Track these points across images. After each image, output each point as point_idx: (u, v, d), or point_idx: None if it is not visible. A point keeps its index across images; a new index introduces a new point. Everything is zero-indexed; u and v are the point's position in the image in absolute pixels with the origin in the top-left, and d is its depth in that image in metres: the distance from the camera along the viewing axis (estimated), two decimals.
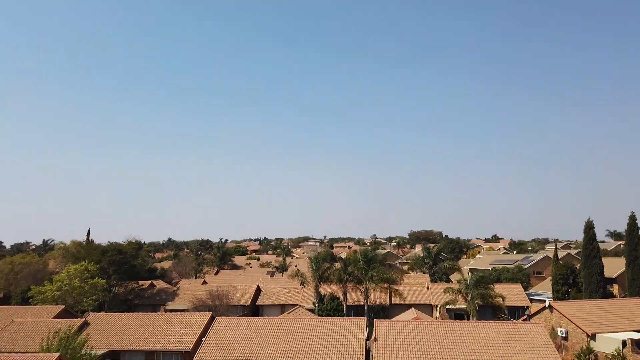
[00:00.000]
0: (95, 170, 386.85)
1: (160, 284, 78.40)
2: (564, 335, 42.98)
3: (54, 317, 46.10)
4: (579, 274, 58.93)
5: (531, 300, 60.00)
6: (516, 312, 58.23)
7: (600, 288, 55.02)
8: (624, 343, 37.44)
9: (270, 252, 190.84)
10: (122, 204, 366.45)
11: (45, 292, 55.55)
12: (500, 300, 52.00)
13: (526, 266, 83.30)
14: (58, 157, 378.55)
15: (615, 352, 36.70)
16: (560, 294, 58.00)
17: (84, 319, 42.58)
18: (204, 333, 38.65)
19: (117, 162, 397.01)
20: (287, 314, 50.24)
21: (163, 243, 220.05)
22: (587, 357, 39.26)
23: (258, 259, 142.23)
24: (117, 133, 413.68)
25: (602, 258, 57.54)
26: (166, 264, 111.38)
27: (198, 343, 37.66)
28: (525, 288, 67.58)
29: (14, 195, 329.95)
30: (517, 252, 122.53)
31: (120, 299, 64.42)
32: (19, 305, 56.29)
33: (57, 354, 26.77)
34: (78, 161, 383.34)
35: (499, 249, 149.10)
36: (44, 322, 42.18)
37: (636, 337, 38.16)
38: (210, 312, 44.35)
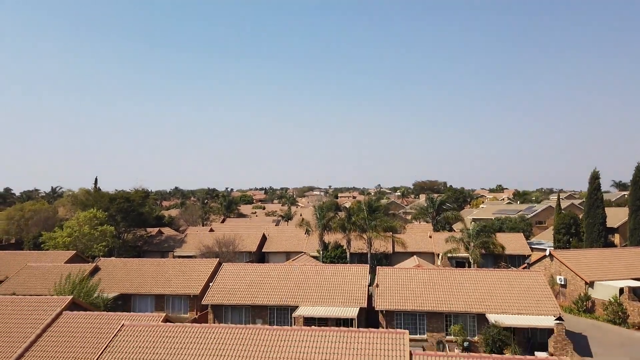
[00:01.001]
0: (102, 118, 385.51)
1: (168, 231, 79.98)
2: (562, 282, 43.93)
3: (66, 262, 47.43)
4: (581, 223, 59.42)
5: (532, 249, 60.88)
6: (517, 261, 59.29)
7: (602, 237, 55.62)
8: (621, 290, 38.28)
9: (275, 201, 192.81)
10: (128, 153, 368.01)
11: (56, 238, 56.87)
12: (500, 249, 52.87)
13: (529, 216, 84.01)
14: (63, 105, 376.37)
15: (612, 299, 37.62)
16: (561, 243, 58.77)
17: (95, 264, 43.81)
18: (211, 278, 39.76)
19: (122, 109, 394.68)
20: (292, 260, 51.49)
21: (170, 192, 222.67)
22: (584, 303, 40.31)
23: (264, 208, 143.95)
24: (122, 80, 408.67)
25: (605, 208, 57.84)
26: (173, 212, 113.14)
27: (206, 288, 38.85)
28: (527, 237, 68.42)
29: (22, 143, 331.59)
30: (520, 202, 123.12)
31: (129, 245, 65.96)
32: (31, 250, 57.89)
33: (71, 297, 27.68)
34: (84, 109, 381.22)
35: (503, 199, 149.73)
36: (56, 266, 43.47)
37: (634, 285, 38.97)
38: (217, 259, 45.41)
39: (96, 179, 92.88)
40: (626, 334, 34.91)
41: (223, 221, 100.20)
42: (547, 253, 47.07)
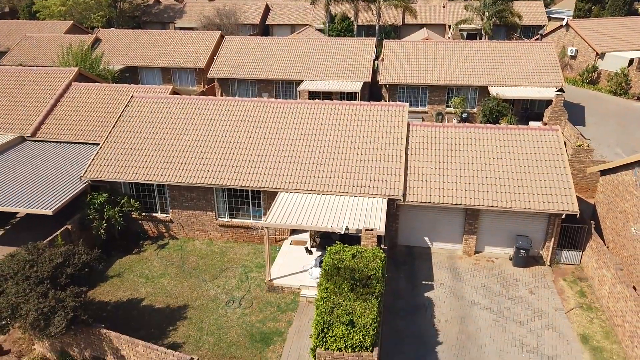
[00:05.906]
0: None
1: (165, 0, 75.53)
2: (573, 54, 43.05)
3: (65, 33, 46.29)
4: None
5: (549, 19, 57.83)
6: (531, 31, 56.92)
7: (626, 5, 52.03)
8: (631, 61, 37.68)
9: None
10: None
11: (50, 6, 54.30)
12: (516, 19, 50.11)
13: None
14: None
15: (619, 70, 37.35)
16: (582, 12, 55.33)
17: (95, 35, 42.59)
18: (215, 51, 39.18)
19: None
20: (297, 34, 49.72)
21: None
22: (590, 75, 40.23)
23: None
24: None
25: None
26: None
27: (210, 61, 38.63)
28: (547, 6, 64.29)
29: None
30: None
31: (127, 16, 63.16)
32: (27, 20, 55.94)
33: (77, 68, 27.71)
34: None
35: None
36: (56, 37, 42.51)
37: None
38: (220, 31, 43.84)
39: None
40: (624, 104, 35.80)
41: None
42: (564, 23, 44.86)
